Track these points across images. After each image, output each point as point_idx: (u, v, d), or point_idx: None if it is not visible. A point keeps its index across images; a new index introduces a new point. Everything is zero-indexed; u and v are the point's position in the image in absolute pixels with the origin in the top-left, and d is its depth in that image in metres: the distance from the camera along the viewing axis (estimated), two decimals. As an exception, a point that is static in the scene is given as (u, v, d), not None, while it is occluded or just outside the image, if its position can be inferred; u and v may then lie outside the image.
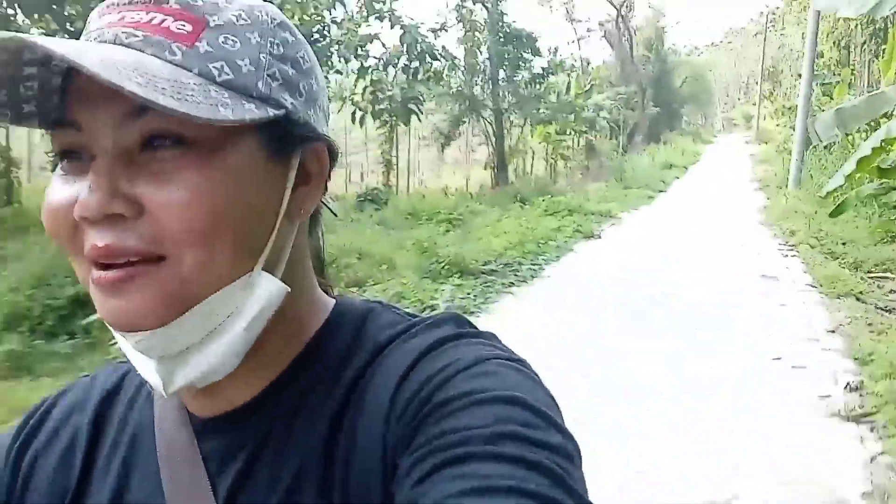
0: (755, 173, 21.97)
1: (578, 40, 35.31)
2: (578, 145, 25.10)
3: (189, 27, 0.47)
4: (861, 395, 4.27)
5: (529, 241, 8.80)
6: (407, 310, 0.60)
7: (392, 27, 13.60)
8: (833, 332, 5.59)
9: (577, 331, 5.60)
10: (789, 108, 23.69)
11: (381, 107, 15.07)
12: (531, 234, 9.16)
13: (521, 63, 18.15)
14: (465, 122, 18.62)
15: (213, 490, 0.52)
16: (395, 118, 15.24)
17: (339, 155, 0.58)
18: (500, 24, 17.47)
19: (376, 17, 13.45)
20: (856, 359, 4.90)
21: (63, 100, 0.48)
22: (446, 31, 16.61)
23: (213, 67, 0.47)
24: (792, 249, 9.15)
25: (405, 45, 14.07)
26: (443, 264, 7.12)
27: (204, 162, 0.46)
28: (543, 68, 18.70)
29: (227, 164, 0.47)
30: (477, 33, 17.46)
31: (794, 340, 5.37)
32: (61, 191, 0.48)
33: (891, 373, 4.45)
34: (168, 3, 0.48)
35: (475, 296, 6.58)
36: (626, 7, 34.16)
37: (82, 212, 0.45)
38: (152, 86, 0.43)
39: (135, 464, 0.56)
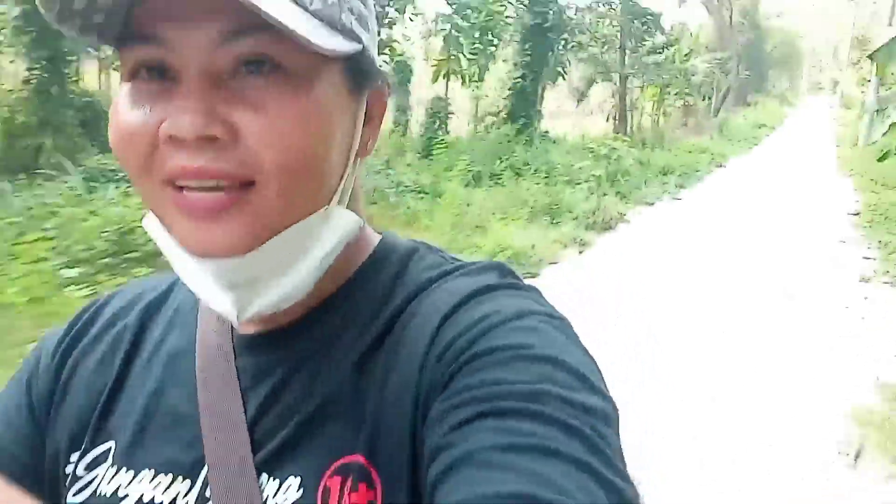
0: (835, 133, 26.32)
1: (680, 3, 38.86)
2: (677, 105, 29.43)
3: None
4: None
5: (682, 165, 13.86)
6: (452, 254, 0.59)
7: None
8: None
9: (733, 202, 10.74)
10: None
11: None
12: (678, 162, 14.21)
13: (645, 36, 22.67)
14: (596, 83, 23.32)
15: (244, 405, 0.53)
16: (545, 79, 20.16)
17: (392, 95, 0.58)
18: (631, 2, 21.95)
19: None
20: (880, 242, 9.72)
21: (130, 12, 0.46)
22: (590, 9, 21.25)
23: None
24: (849, 179, 14.27)
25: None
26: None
27: (298, 91, 0.47)
28: (663, 42, 23.19)
29: (319, 96, 0.48)
30: (612, 9, 22.02)
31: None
32: (136, 111, 0.47)
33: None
34: None
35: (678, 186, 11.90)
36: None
37: (178, 131, 0.44)
38: (262, 3, 0.42)
39: (174, 372, 0.57)
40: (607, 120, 23.67)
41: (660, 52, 23.19)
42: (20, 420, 0.59)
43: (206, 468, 0.52)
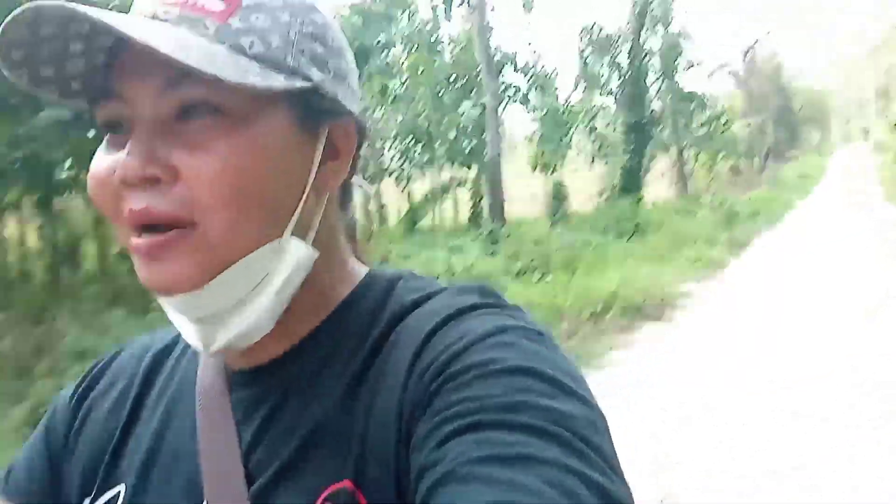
0: (874, 173, 29.86)
1: (710, 76, 43.21)
2: (726, 167, 33.13)
3: (223, 5, 0.50)
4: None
5: (760, 211, 17.39)
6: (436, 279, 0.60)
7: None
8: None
9: (810, 233, 14.07)
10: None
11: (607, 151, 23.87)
12: (755, 209, 17.77)
13: (692, 114, 26.69)
14: (654, 157, 27.25)
15: (239, 437, 0.55)
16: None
17: (370, 133, 0.60)
18: (678, 89, 26.08)
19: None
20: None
21: (107, 76, 0.51)
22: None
23: (245, 42, 0.49)
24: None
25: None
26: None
27: (235, 130, 0.49)
28: (709, 116, 27.18)
29: (258, 134, 0.50)
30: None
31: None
32: (104, 160, 0.51)
33: None
34: None
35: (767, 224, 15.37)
36: (750, 52, 41.86)
37: (122, 173, 0.48)
38: (185, 52, 0.46)
39: (177, 410, 0.59)
40: (669, 186, 27.38)
41: (706, 126, 27.11)
42: (41, 468, 0.63)
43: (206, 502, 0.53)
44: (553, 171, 20.06)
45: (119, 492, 0.58)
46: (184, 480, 0.55)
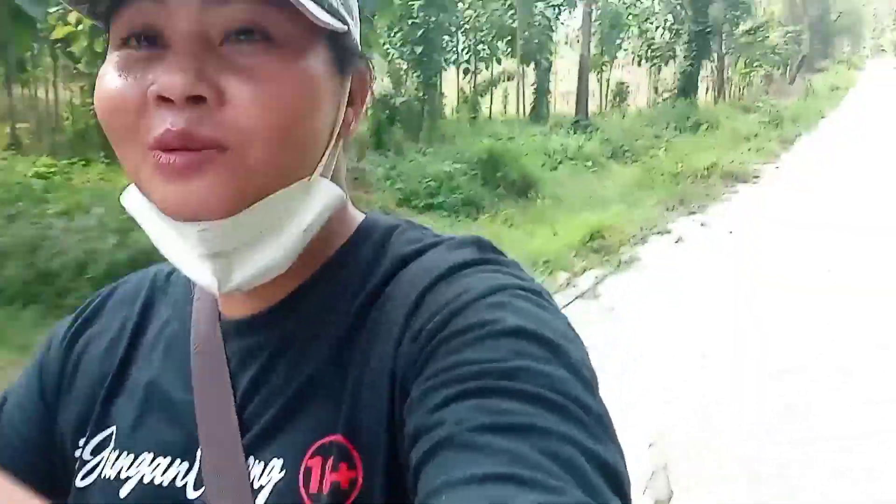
0: None
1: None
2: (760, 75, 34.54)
3: None
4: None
5: (798, 117, 19.45)
6: (432, 230, 0.60)
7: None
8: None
9: (847, 136, 16.24)
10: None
11: (656, 54, 25.45)
12: (792, 114, 19.81)
13: (737, 21, 28.03)
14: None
15: (233, 387, 0.54)
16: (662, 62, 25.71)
17: (375, 80, 0.59)
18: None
19: None
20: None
21: None
22: None
23: None
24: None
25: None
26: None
27: (287, 61, 0.47)
28: (752, 26, 28.51)
29: (307, 69, 0.48)
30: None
31: None
32: (126, 76, 0.47)
33: None
34: None
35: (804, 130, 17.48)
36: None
37: (167, 90, 0.45)
38: None
39: (172, 357, 0.59)
40: (707, 91, 29.06)
41: (751, 34, 28.43)
42: (32, 405, 0.62)
43: (200, 450, 0.53)
44: (601, 72, 21.90)
45: (112, 433, 0.58)
46: (178, 427, 0.55)
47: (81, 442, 0.59)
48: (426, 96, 12.44)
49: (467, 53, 18.48)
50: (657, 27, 23.97)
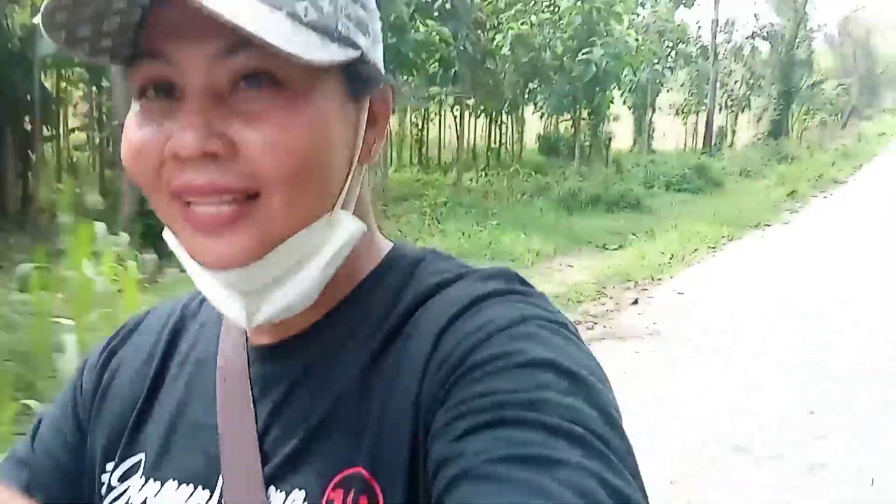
0: None
1: (809, 42, 49.47)
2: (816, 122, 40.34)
3: None
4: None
5: (854, 155, 25.27)
6: (461, 260, 0.59)
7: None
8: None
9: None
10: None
11: (734, 104, 31.39)
12: (849, 153, 25.65)
13: (802, 77, 33.94)
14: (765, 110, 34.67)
15: (255, 414, 0.55)
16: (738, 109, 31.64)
17: (398, 96, 0.59)
18: (792, 57, 33.19)
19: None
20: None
21: (138, 34, 0.49)
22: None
23: (300, 8, 0.48)
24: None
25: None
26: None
27: (294, 103, 0.48)
28: (815, 80, 34.35)
29: (316, 106, 0.49)
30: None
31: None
32: (145, 128, 0.49)
33: None
34: None
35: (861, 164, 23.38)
36: (845, 19, 47.81)
37: (179, 150, 0.46)
38: (251, 21, 0.43)
39: (199, 381, 0.59)
40: (767, 134, 35.03)
41: (812, 88, 34.26)
42: (66, 429, 0.63)
43: (221, 478, 0.53)
44: (686, 117, 28.00)
45: (140, 459, 0.58)
46: (202, 454, 0.55)
47: (110, 467, 0.60)
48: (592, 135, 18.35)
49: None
50: (735, 81, 29.96)
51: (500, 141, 19.55)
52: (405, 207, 11.30)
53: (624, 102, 21.48)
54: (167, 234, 0.53)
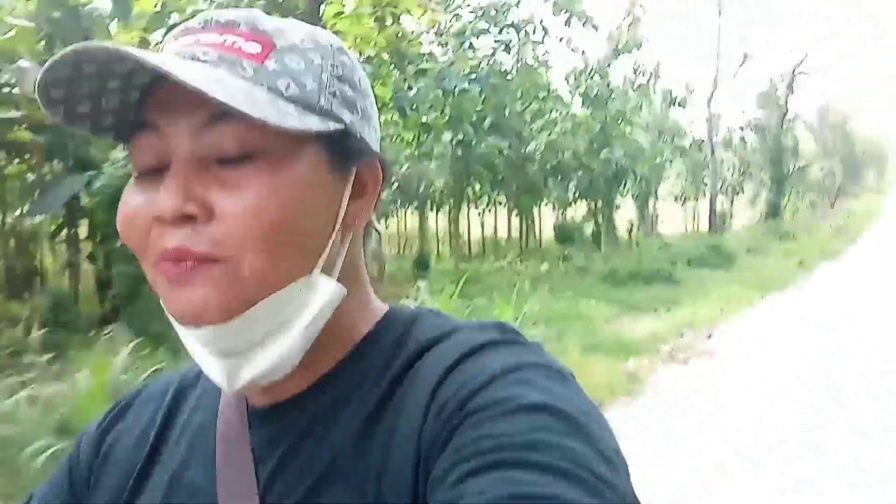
0: None
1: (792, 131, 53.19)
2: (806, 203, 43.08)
3: (258, 47, 0.51)
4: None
5: (842, 232, 27.53)
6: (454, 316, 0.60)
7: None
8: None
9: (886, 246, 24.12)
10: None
11: (727, 189, 33.99)
12: (838, 229, 27.93)
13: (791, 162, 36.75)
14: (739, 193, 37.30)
15: (257, 476, 0.55)
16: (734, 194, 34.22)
17: (391, 172, 0.61)
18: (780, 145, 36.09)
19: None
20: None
21: (138, 113, 0.53)
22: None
23: (281, 84, 0.51)
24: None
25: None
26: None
27: (271, 171, 0.50)
28: (801, 166, 37.27)
29: (292, 174, 0.51)
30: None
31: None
32: (137, 197, 0.52)
33: None
34: (238, 27, 0.52)
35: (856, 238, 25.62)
36: (822, 109, 51.63)
37: (158, 211, 0.49)
38: (230, 94, 0.47)
39: (198, 447, 0.60)
40: (759, 216, 37.56)
41: (800, 171, 37.08)
42: (61, 498, 0.64)
43: None
44: (684, 202, 30.50)
45: None
46: None
47: None
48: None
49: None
50: (728, 169, 32.65)
51: (524, 232, 21.62)
52: (475, 289, 13.15)
53: (625, 193, 23.90)
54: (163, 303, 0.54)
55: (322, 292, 0.54)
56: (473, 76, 10.98)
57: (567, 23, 11.59)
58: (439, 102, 11.76)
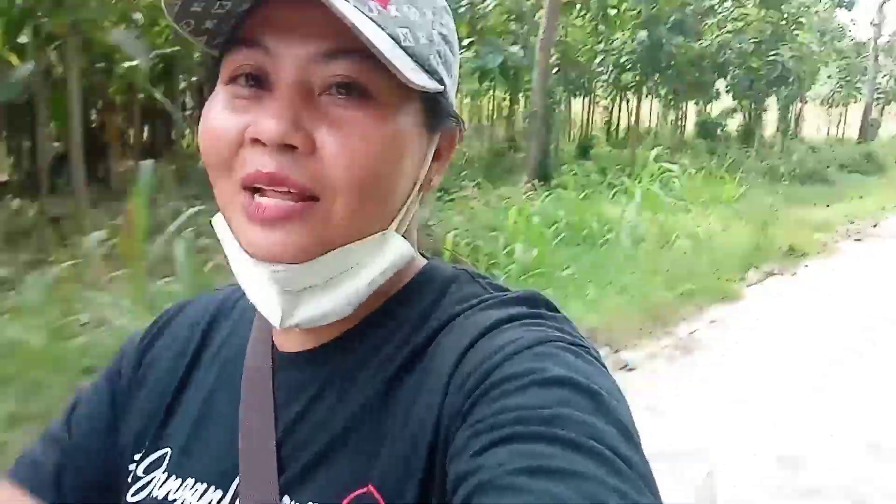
0: None
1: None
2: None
3: None
4: None
5: None
6: (493, 281, 0.60)
7: None
8: None
9: None
10: None
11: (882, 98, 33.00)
12: None
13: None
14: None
15: (276, 418, 0.55)
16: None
17: (464, 138, 0.61)
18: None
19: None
20: None
21: (238, 25, 0.51)
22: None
23: (400, 32, 0.50)
24: None
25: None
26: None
27: (379, 117, 0.49)
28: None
29: (396, 125, 0.50)
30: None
31: None
32: (228, 113, 0.50)
33: None
34: None
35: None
36: None
37: (262, 134, 0.47)
38: (365, 29, 0.45)
39: (226, 380, 0.60)
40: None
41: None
42: (103, 410, 0.64)
43: (237, 480, 0.54)
44: (830, 108, 30.10)
45: (166, 453, 0.60)
46: (224, 454, 0.56)
47: (137, 457, 0.61)
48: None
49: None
50: (884, 76, 31.66)
51: (679, 125, 22.68)
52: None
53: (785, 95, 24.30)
54: (216, 222, 0.54)
55: (394, 249, 0.54)
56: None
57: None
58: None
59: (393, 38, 0.48)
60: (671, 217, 7.74)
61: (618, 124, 23.35)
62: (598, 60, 16.10)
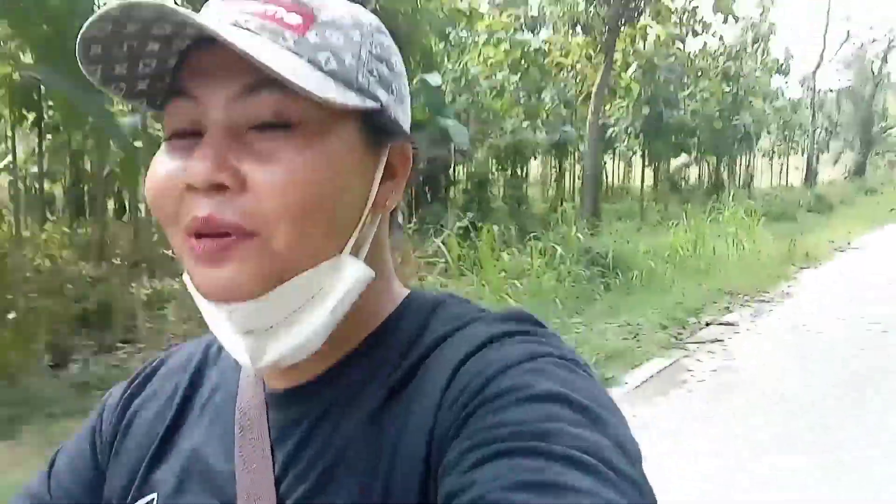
0: None
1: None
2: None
3: (300, 19, 0.51)
4: None
5: None
6: (478, 304, 0.60)
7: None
8: None
9: None
10: None
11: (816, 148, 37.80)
12: None
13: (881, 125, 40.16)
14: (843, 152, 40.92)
15: (273, 458, 0.55)
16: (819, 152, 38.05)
17: (422, 155, 0.60)
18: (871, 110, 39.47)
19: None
20: None
21: (173, 80, 0.52)
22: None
23: (321, 57, 0.50)
24: None
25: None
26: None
27: (307, 144, 0.49)
28: (884, 127, 40.69)
29: (327, 149, 0.50)
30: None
31: None
32: (168, 164, 0.51)
33: None
34: None
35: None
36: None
37: (190, 178, 0.48)
38: (275, 62, 0.46)
39: (216, 426, 0.60)
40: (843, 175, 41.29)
41: (884, 132, 40.47)
42: (84, 465, 0.64)
43: None
44: (772, 159, 34.66)
45: (153, 499, 0.59)
46: (218, 498, 0.56)
47: None
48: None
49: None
50: (816, 129, 36.45)
51: (656, 179, 26.36)
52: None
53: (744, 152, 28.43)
54: (185, 277, 0.54)
55: (351, 274, 0.53)
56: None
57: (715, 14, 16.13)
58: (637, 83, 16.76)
59: (313, 64, 0.50)
60: (720, 241, 11.46)
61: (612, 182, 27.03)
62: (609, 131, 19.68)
